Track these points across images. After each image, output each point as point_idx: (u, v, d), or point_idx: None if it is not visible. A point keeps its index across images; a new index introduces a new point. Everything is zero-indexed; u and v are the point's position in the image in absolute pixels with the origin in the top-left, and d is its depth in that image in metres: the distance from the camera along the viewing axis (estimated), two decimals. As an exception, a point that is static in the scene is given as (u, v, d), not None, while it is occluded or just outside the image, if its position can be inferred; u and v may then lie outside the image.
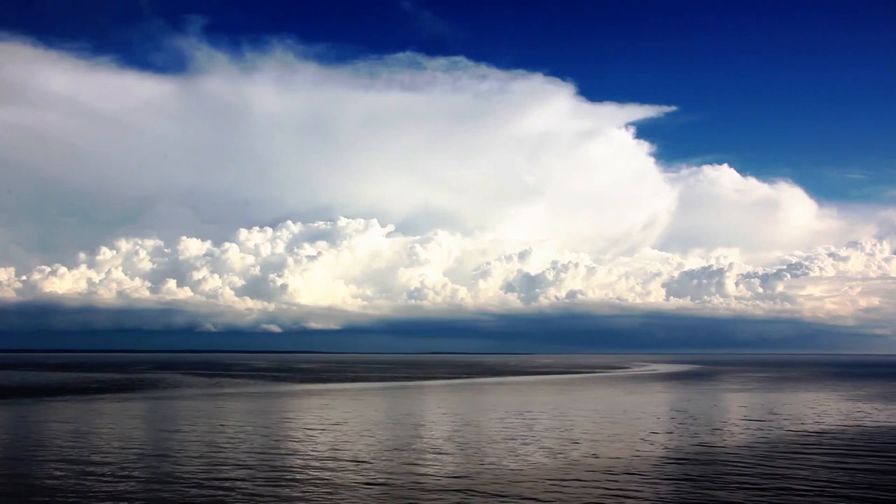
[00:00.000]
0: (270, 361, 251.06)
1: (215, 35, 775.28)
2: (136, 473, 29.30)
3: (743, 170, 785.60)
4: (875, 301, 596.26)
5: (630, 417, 51.62)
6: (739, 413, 55.74)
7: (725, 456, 33.97)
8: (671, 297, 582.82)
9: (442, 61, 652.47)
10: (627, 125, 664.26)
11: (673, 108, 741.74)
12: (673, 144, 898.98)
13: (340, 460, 32.57)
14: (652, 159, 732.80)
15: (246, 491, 26.08)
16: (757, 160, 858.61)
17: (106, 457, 33.27)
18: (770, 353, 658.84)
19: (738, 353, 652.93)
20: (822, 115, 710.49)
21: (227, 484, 27.19)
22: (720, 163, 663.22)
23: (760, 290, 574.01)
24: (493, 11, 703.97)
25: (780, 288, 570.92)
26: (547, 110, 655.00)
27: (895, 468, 31.03)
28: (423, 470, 30.27)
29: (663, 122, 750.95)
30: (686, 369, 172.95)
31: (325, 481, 27.82)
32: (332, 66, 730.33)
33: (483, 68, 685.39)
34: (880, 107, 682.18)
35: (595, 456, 33.86)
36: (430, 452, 34.93)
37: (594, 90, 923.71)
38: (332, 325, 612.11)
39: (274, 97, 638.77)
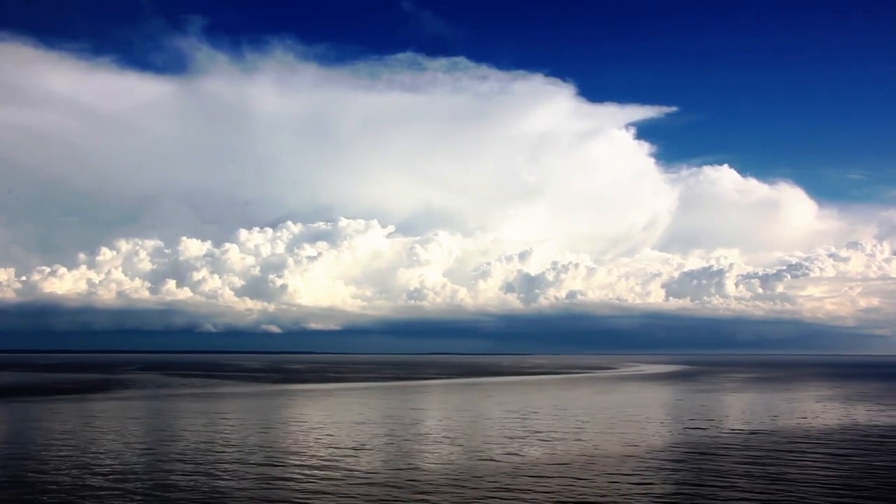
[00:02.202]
0: (262, 362, 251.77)
1: (215, 35, 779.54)
2: (43, 466, 29.71)
3: (743, 170, 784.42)
4: (875, 301, 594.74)
5: (575, 417, 51.82)
6: (685, 413, 55.86)
7: (638, 455, 34.26)
8: (671, 298, 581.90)
9: (442, 62, 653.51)
10: (628, 126, 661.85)
11: (673, 109, 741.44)
12: (673, 145, 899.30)
13: (251, 457, 32.92)
14: (652, 160, 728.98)
15: (133, 484, 26.50)
16: (757, 161, 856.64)
17: (25, 454, 33.75)
18: (770, 354, 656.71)
19: (738, 354, 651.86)
20: (823, 115, 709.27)
21: (118, 478, 27.61)
22: (720, 163, 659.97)
23: (760, 290, 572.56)
24: (493, 12, 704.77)
25: (780, 288, 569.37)
26: (547, 111, 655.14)
27: (801, 471, 31.26)
28: (328, 467, 30.63)
29: (663, 123, 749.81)
30: (673, 370, 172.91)
31: (233, 474, 28.20)
32: (333, 66, 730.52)
33: (483, 69, 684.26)
34: (880, 107, 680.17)
35: (511, 454, 34.18)
36: (347, 450, 35.23)
37: (594, 91, 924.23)
38: (332, 326, 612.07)
39: (274, 98, 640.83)
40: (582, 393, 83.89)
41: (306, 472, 29.73)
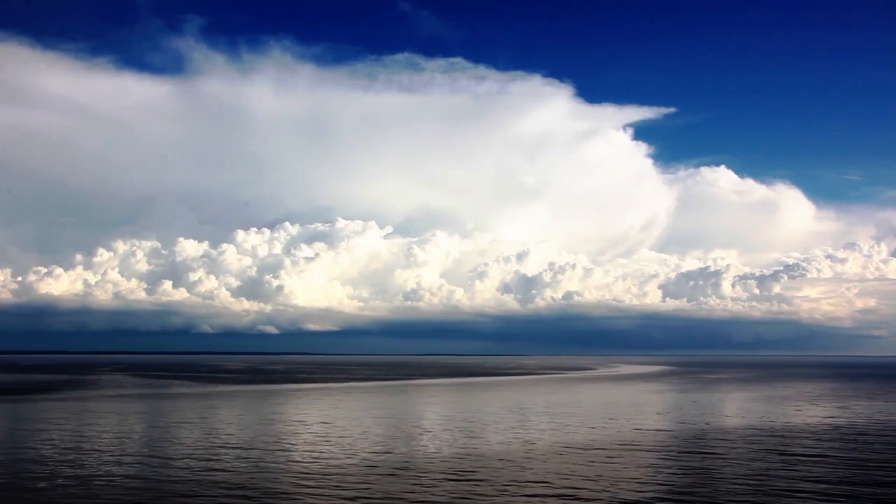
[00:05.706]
0: (245, 363, 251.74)
1: (213, 36, 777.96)
2: None
3: (741, 171, 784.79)
4: (872, 302, 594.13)
5: (496, 418, 51.90)
6: (607, 412, 55.88)
7: (530, 454, 34.36)
8: (668, 299, 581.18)
9: (440, 62, 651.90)
10: (625, 126, 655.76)
11: (671, 110, 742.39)
12: (671, 146, 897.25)
13: (143, 457, 33.06)
14: (650, 160, 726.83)
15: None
16: (755, 161, 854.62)
17: None
18: (767, 355, 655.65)
19: (734, 355, 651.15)
20: (820, 116, 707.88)
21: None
22: (718, 164, 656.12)
23: (757, 291, 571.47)
24: (491, 12, 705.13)
25: (777, 289, 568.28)
26: (545, 111, 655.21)
27: (684, 467, 31.30)
28: (214, 467, 30.75)
29: (661, 124, 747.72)
30: (651, 370, 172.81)
31: (107, 475, 28.30)
32: (330, 67, 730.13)
33: (481, 69, 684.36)
34: (878, 108, 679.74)
35: (385, 453, 34.32)
36: (245, 450, 35.35)
37: (592, 91, 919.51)
38: (329, 327, 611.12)
39: (272, 98, 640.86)
40: (534, 393, 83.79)
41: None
